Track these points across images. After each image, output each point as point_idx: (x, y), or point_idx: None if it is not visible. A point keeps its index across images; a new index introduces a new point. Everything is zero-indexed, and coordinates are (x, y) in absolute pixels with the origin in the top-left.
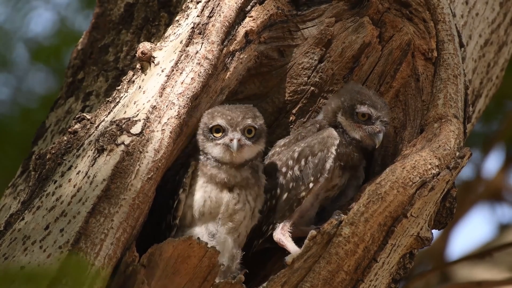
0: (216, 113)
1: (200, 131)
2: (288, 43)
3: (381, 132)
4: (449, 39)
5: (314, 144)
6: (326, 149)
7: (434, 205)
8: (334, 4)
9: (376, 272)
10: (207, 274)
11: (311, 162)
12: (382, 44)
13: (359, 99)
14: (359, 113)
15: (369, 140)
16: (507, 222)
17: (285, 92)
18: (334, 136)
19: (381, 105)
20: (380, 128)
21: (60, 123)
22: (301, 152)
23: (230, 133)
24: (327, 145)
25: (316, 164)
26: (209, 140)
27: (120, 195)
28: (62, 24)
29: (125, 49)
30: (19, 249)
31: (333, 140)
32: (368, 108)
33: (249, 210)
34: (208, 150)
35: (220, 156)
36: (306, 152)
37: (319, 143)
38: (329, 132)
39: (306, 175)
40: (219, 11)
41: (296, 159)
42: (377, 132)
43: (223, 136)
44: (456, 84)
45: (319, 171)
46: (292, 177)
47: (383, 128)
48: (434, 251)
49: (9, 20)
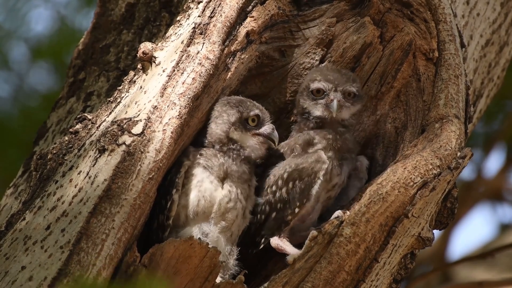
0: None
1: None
2: (289, 43)
3: (333, 101)
4: (450, 39)
5: (302, 168)
6: (313, 174)
7: (435, 205)
8: (335, 4)
9: (377, 272)
10: (208, 274)
11: (298, 187)
12: (383, 44)
13: (312, 78)
14: (313, 90)
15: (328, 113)
16: (508, 222)
17: (286, 92)
18: (323, 160)
19: (336, 76)
20: (333, 96)
21: (61, 123)
22: (290, 174)
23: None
24: (315, 170)
25: (302, 189)
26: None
27: (121, 195)
28: (62, 23)
29: (126, 49)
30: (20, 249)
31: (321, 165)
32: (318, 83)
33: (241, 209)
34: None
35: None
36: (294, 176)
37: (307, 168)
38: (318, 156)
39: (293, 199)
40: (220, 11)
41: (284, 180)
42: (329, 102)
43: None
44: (457, 84)
45: (305, 197)
46: (280, 198)
47: (337, 96)
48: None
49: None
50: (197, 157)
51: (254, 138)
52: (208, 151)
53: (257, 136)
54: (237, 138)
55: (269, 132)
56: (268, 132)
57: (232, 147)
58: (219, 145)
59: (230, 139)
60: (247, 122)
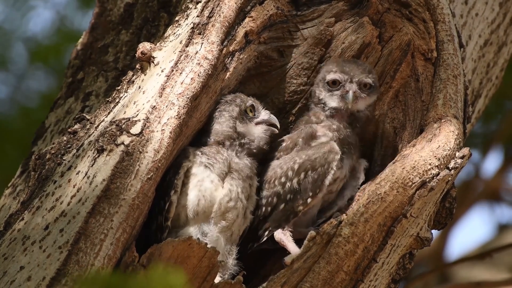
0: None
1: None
2: (288, 43)
3: (349, 92)
4: (448, 40)
5: (315, 158)
6: (327, 164)
7: (433, 205)
8: (334, 4)
9: (375, 272)
10: (206, 274)
11: (311, 177)
12: (382, 44)
13: (328, 69)
14: (329, 81)
15: (343, 103)
16: (506, 222)
17: (285, 92)
18: (336, 150)
19: (352, 67)
20: (349, 87)
21: (59, 123)
22: (301, 164)
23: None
24: (328, 160)
25: (315, 179)
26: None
27: (119, 195)
28: (61, 23)
29: (125, 49)
30: (18, 249)
31: (334, 155)
32: (334, 74)
33: (242, 209)
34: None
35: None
36: (307, 166)
37: (320, 157)
38: (330, 147)
39: (305, 189)
40: (219, 11)
41: (296, 171)
42: (345, 94)
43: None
44: (455, 85)
45: (318, 187)
46: (290, 188)
47: (352, 87)
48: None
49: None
50: (198, 156)
51: (258, 127)
52: (211, 148)
53: (259, 124)
54: (244, 131)
55: (268, 117)
56: (267, 118)
57: (243, 141)
58: (230, 141)
59: (239, 134)
60: (247, 113)
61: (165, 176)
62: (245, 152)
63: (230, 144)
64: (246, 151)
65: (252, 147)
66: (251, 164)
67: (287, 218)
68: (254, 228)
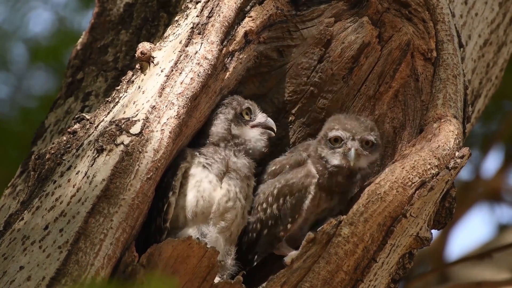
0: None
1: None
2: (287, 43)
3: (351, 150)
4: (448, 39)
5: (292, 183)
6: (304, 189)
7: (433, 205)
8: (334, 4)
9: (375, 272)
10: (206, 274)
11: (289, 202)
12: (382, 44)
13: (330, 126)
14: (330, 139)
15: (345, 161)
16: (506, 222)
17: (285, 92)
18: (312, 174)
19: (354, 124)
20: (351, 145)
21: (59, 123)
22: (280, 189)
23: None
24: (305, 185)
25: (293, 204)
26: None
27: (119, 195)
28: (61, 24)
29: (124, 49)
30: (18, 249)
31: (311, 179)
32: (336, 131)
33: (240, 209)
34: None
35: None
36: (285, 191)
37: (297, 182)
38: (307, 170)
39: (284, 215)
40: (219, 11)
41: (275, 197)
42: (347, 151)
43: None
44: (455, 84)
45: (297, 212)
46: (270, 214)
47: (354, 144)
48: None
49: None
50: (196, 157)
51: (254, 130)
52: (209, 148)
53: (255, 127)
54: (239, 133)
55: (264, 121)
56: (263, 121)
57: (237, 142)
58: (224, 142)
59: (233, 136)
60: (242, 116)
61: (163, 177)
62: (242, 152)
63: (225, 146)
64: (243, 151)
65: (247, 148)
66: (249, 164)
67: (271, 243)
68: (243, 253)
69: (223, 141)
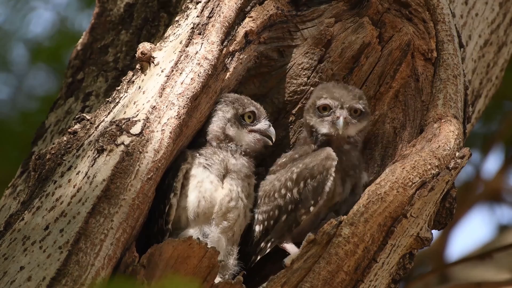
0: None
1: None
2: (287, 43)
3: (339, 118)
4: (448, 40)
5: (312, 166)
6: (325, 171)
7: (434, 205)
8: (334, 4)
9: (376, 272)
10: (206, 274)
11: (310, 185)
12: (382, 44)
13: (318, 95)
14: (319, 107)
15: (334, 130)
16: (506, 223)
17: (285, 92)
18: (332, 157)
19: (342, 93)
20: (339, 114)
21: (59, 123)
22: (299, 174)
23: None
24: (326, 167)
25: (315, 187)
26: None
27: (120, 196)
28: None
29: (125, 50)
30: (19, 250)
31: (331, 162)
32: (325, 100)
33: (243, 208)
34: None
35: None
36: (305, 174)
37: (318, 165)
38: (327, 153)
39: (306, 198)
40: (219, 11)
41: (295, 181)
42: (335, 120)
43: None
44: (455, 85)
45: (319, 194)
46: (291, 199)
47: (343, 113)
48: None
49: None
50: (197, 158)
51: (250, 135)
52: (207, 149)
53: (253, 132)
54: (233, 134)
55: (265, 129)
56: (264, 128)
57: (229, 144)
58: (216, 142)
59: (226, 136)
60: (243, 119)
61: (165, 179)
62: (239, 152)
63: (217, 145)
64: (239, 151)
65: (239, 150)
66: (248, 163)
67: (289, 228)
68: (256, 242)
69: (216, 140)
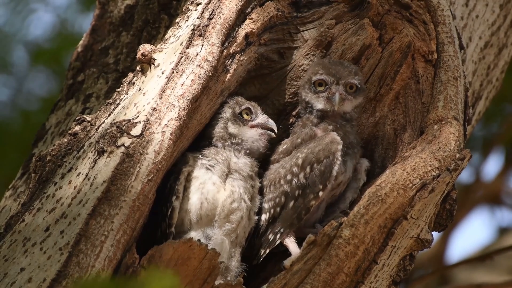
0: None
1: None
2: (288, 45)
3: (335, 94)
4: (449, 41)
5: (318, 150)
6: (331, 155)
7: (434, 207)
8: (334, 6)
9: (376, 274)
10: (207, 276)
11: (317, 170)
12: (382, 46)
13: (314, 70)
14: (315, 83)
15: (330, 105)
16: (506, 226)
17: (285, 94)
18: (337, 141)
19: (338, 69)
20: (335, 89)
21: (60, 125)
22: (305, 158)
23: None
24: (332, 151)
25: (322, 171)
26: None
27: (120, 197)
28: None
29: (125, 51)
30: (19, 251)
31: (337, 146)
32: (320, 75)
33: (246, 210)
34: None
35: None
36: (311, 159)
37: (324, 149)
38: (332, 137)
39: (313, 182)
40: (219, 13)
41: (300, 166)
42: (331, 95)
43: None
44: (456, 86)
45: (327, 178)
46: (297, 184)
47: (339, 89)
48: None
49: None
50: (199, 159)
51: (252, 130)
52: (211, 149)
53: (255, 127)
54: (236, 132)
55: (265, 121)
56: (263, 121)
57: (234, 141)
58: (221, 142)
59: (230, 134)
60: (242, 116)
61: (167, 182)
62: (242, 152)
63: (222, 145)
64: (242, 151)
65: (245, 148)
66: (251, 163)
67: (298, 215)
68: (263, 232)
69: (221, 140)
